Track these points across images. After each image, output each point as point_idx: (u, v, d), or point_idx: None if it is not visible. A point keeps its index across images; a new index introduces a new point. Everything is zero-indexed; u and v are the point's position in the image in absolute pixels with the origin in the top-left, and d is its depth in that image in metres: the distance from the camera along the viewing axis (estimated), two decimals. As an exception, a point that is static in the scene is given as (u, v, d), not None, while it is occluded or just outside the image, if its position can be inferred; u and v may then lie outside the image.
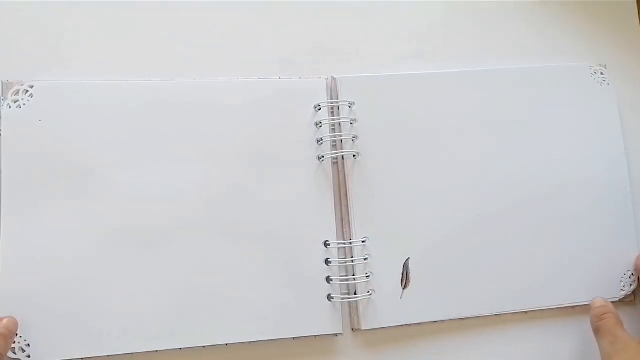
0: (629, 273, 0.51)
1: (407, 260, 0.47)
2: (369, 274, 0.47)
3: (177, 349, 0.44)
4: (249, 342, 0.45)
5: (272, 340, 0.45)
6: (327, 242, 0.47)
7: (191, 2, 0.50)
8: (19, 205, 0.44)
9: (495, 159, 0.50)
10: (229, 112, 0.48)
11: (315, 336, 0.46)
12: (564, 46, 0.55)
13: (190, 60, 0.49)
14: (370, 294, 0.46)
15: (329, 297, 0.46)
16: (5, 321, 0.41)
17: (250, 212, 0.47)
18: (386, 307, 0.47)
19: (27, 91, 0.46)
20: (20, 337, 0.42)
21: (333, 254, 0.47)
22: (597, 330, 0.46)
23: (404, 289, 0.47)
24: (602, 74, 0.52)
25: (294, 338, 0.46)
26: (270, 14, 0.52)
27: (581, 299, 0.50)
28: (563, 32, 0.55)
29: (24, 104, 0.45)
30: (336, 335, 0.47)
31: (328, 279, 0.46)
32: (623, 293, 0.50)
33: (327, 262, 0.47)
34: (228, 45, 0.50)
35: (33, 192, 0.44)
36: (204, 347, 0.44)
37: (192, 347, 0.44)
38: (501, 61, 0.53)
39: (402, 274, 0.47)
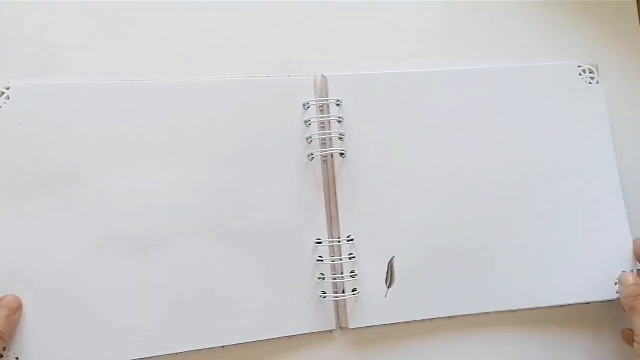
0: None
1: (392, 259, 0.48)
2: (355, 272, 0.48)
3: (174, 353, 0.44)
4: (245, 343, 0.46)
5: (267, 340, 0.46)
6: (319, 241, 0.48)
7: (178, 2, 0.48)
8: (2, 214, 0.43)
9: (482, 157, 0.51)
10: (217, 112, 0.47)
11: (309, 334, 0.47)
12: (564, 46, 0.55)
13: (177, 60, 0.48)
14: (357, 293, 0.47)
15: (322, 295, 0.47)
16: (8, 299, 0.41)
17: (243, 213, 0.47)
18: (373, 306, 0.48)
19: (4, 93, 0.43)
20: (9, 351, 0.42)
21: (324, 252, 0.48)
22: (632, 309, 0.47)
23: (388, 288, 0.48)
24: (591, 72, 0.52)
25: (289, 337, 0.47)
26: (263, 14, 0.50)
27: (573, 300, 0.50)
28: (562, 31, 0.54)
29: (0, 107, 0.43)
30: (331, 332, 0.48)
31: (320, 277, 0.47)
32: (618, 295, 0.49)
33: (319, 260, 0.47)
34: (223, 45, 0.49)
35: (16, 199, 0.43)
36: (200, 350, 0.45)
37: (189, 351, 0.45)
38: (496, 60, 0.53)
39: (387, 273, 0.48)
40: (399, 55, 0.52)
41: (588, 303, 0.50)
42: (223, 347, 0.46)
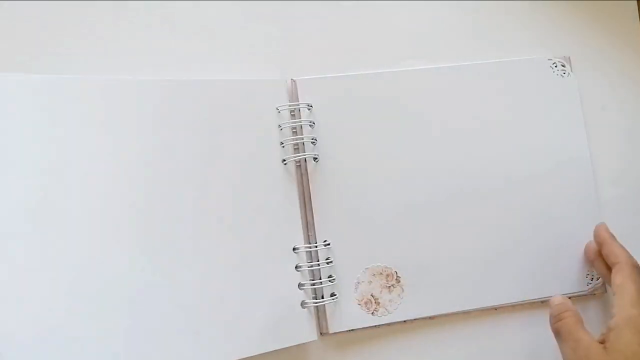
0: None
1: None
2: (333, 276, 0.46)
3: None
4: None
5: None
6: (295, 248, 0.46)
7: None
8: None
9: (457, 156, 0.50)
10: (188, 117, 0.45)
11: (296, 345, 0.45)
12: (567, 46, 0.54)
13: (146, 65, 0.48)
14: (336, 297, 0.46)
15: (303, 304, 0.45)
16: None
17: (218, 222, 0.45)
18: (353, 310, 0.46)
19: None
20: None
21: (302, 259, 0.46)
22: (557, 333, 0.43)
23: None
24: (562, 65, 0.52)
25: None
26: (237, 14, 0.50)
27: (549, 293, 0.48)
28: (563, 30, 0.55)
29: None
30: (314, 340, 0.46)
31: (300, 286, 0.46)
32: (590, 286, 0.50)
33: (296, 268, 0.46)
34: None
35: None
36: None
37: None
38: (472, 57, 0.52)
39: None
40: (376, 57, 0.52)
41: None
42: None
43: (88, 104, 0.42)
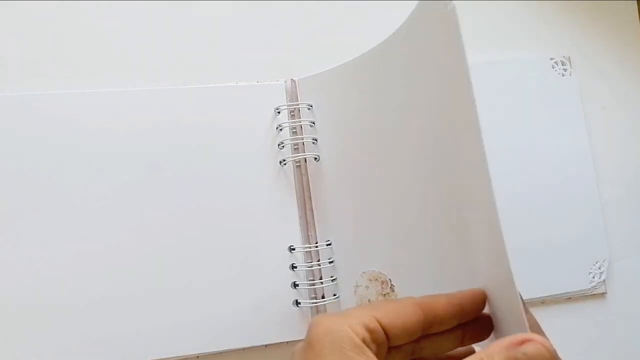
0: (598, 264, 0.50)
1: None
2: (334, 277, 0.47)
3: (146, 361, 0.44)
4: (220, 352, 0.45)
5: (242, 348, 0.45)
6: (292, 247, 0.47)
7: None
8: None
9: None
10: (185, 121, 0.47)
11: (287, 342, 0.46)
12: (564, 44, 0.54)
13: (145, 68, 0.48)
14: (337, 297, 0.46)
15: (296, 303, 0.46)
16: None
17: (214, 222, 0.46)
18: (353, 309, 0.47)
19: None
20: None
21: (299, 259, 0.47)
22: None
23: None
24: (563, 64, 0.52)
25: (265, 345, 0.46)
26: (235, 18, 0.51)
27: (549, 292, 0.49)
28: (563, 30, 0.54)
29: None
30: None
31: (294, 285, 0.46)
32: (592, 284, 0.50)
33: (293, 267, 0.46)
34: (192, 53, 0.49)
35: None
36: (173, 358, 0.44)
37: (162, 359, 0.44)
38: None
39: None
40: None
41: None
42: (197, 356, 0.45)
43: (91, 115, 0.46)
